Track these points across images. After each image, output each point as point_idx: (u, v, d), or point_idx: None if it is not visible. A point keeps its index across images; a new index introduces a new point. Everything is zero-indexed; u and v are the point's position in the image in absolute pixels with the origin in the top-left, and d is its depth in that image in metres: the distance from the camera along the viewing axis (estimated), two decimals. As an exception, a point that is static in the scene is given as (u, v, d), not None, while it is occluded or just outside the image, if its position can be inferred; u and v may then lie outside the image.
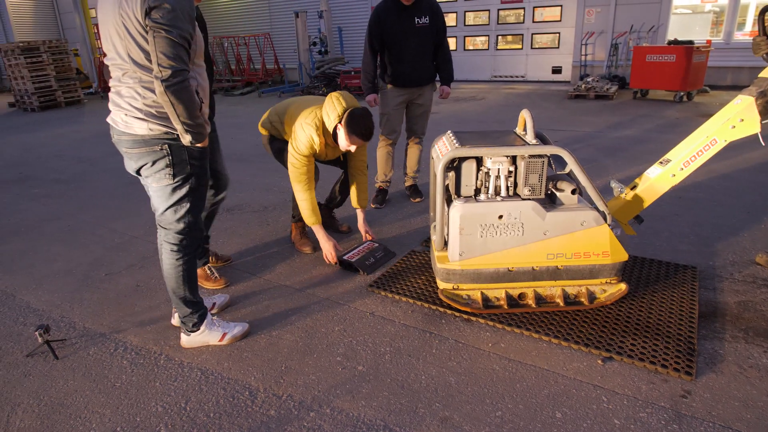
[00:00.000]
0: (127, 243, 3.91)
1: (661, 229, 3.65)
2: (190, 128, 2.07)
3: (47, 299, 3.12)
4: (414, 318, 2.73)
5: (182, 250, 2.35)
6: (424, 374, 2.30)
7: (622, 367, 2.27)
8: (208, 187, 2.39)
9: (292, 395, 2.21)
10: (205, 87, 2.27)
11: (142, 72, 2.06)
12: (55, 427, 2.09)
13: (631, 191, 2.79)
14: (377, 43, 4.06)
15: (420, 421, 2.03)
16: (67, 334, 2.74)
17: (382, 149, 4.37)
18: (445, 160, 2.50)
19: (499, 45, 12.57)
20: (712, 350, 2.35)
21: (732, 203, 4.05)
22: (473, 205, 2.53)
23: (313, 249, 3.57)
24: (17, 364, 2.51)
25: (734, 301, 2.74)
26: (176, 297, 2.43)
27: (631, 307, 2.67)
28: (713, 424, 1.95)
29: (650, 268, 3.07)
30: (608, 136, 6.50)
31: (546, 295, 2.70)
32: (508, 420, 2.02)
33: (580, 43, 10.94)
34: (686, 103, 8.58)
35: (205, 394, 2.24)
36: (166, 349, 2.56)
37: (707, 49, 8.67)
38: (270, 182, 5.28)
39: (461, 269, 2.62)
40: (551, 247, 2.56)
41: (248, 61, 14.05)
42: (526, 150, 2.49)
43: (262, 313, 2.85)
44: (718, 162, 5.00)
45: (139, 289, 3.19)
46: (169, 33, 1.91)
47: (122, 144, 2.20)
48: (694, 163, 2.64)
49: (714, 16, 10.32)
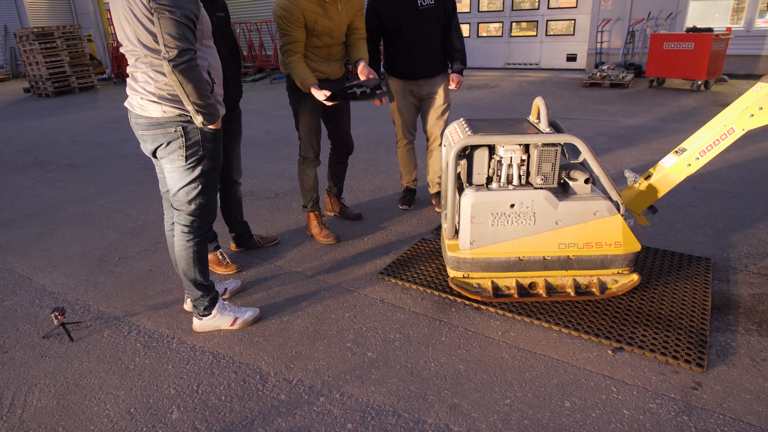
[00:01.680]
0: (140, 228, 3.95)
1: (676, 219, 3.61)
2: (201, 108, 2.09)
3: (63, 282, 3.18)
4: (424, 306, 2.74)
5: (193, 231, 2.38)
6: (434, 361, 2.31)
7: (633, 357, 2.26)
8: (220, 170, 2.40)
9: (302, 380, 2.23)
10: (217, 68, 2.29)
11: (153, 56, 2.09)
12: (71, 407, 2.14)
13: (646, 181, 2.75)
14: (376, 29, 3.56)
15: (429, 407, 2.05)
16: (82, 316, 2.79)
17: (401, 149, 3.94)
18: (457, 148, 2.48)
19: (513, 32, 12.39)
20: (724, 342, 2.33)
21: (749, 194, 3.99)
22: (485, 194, 2.51)
23: (337, 239, 3.52)
24: (34, 346, 2.56)
25: (748, 293, 2.71)
26: (187, 279, 2.46)
27: (643, 298, 2.65)
28: (724, 416, 1.94)
29: (663, 259, 3.04)
30: (623, 125, 6.42)
31: (557, 285, 2.69)
32: (517, 408, 2.02)
33: (595, 30, 10.76)
34: (704, 92, 8.42)
35: (216, 378, 2.27)
36: (178, 333, 2.60)
37: (727, 37, 8.48)
38: (282, 168, 5.29)
39: (472, 258, 2.61)
40: (563, 236, 2.55)
41: (260, 48, 14.00)
42: (539, 138, 2.47)
43: (273, 299, 2.87)
44: (734, 152, 4.92)
45: (153, 273, 3.23)
46: (173, 13, 1.94)
47: (138, 126, 2.23)
48: (710, 152, 2.59)
49: (735, 3, 10.07)
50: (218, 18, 2.77)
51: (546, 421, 1.95)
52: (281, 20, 2.96)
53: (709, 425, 1.90)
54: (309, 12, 2.95)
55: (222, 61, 2.41)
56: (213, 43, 2.28)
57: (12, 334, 2.67)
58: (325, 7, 3.00)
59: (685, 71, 8.49)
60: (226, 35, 2.86)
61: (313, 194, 3.48)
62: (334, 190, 3.83)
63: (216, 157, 2.33)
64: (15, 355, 2.50)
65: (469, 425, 1.95)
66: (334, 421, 2.00)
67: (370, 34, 3.52)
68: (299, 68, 3.00)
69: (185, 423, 2.03)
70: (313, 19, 2.98)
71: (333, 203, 3.89)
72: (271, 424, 2.00)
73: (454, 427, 1.95)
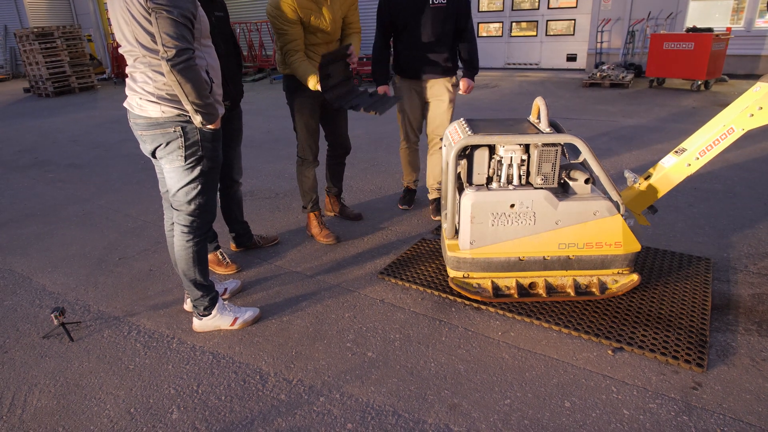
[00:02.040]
0: (140, 228, 3.95)
1: (676, 219, 3.61)
2: (199, 108, 2.09)
3: (63, 282, 3.17)
4: (424, 306, 2.74)
5: (193, 231, 2.38)
6: (434, 361, 2.31)
7: (633, 357, 2.26)
8: (219, 170, 2.41)
9: (302, 380, 2.23)
10: (215, 67, 2.29)
11: (151, 56, 2.09)
12: (71, 407, 2.14)
13: (645, 181, 2.75)
14: (388, 25, 3.50)
15: (429, 407, 2.05)
16: (82, 316, 2.79)
17: (403, 150, 3.88)
18: (458, 148, 2.48)
19: (513, 32, 12.39)
20: (724, 342, 2.33)
21: (749, 194, 3.99)
22: (485, 194, 2.51)
23: (337, 239, 3.52)
24: (34, 346, 2.56)
25: (748, 293, 2.71)
26: (187, 279, 2.46)
27: (643, 298, 2.65)
28: (724, 416, 1.94)
29: (663, 259, 3.04)
30: (623, 125, 6.42)
31: (557, 285, 2.69)
32: (517, 408, 2.02)
33: (595, 30, 10.76)
34: (704, 92, 8.42)
35: (216, 378, 2.27)
36: (178, 333, 2.60)
37: (727, 37, 8.48)
38: (282, 168, 5.29)
39: (472, 258, 2.61)
40: (563, 236, 2.55)
41: (260, 48, 14.01)
42: (539, 138, 2.47)
43: (273, 299, 2.87)
44: (734, 152, 4.92)
45: (152, 273, 3.23)
46: (170, 13, 1.94)
47: (138, 127, 2.23)
48: (710, 152, 2.59)
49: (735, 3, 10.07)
50: (217, 18, 2.77)
51: (546, 421, 1.95)
52: (277, 20, 2.96)
53: (709, 425, 1.90)
54: (302, 8, 2.96)
55: (221, 61, 2.41)
56: (211, 43, 2.28)
57: (12, 334, 2.67)
58: (318, 2, 3.01)
59: (685, 71, 8.49)
60: (226, 35, 2.86)
61: (312, 195, 3.48)
62: (333, 191, 3.82)
63: (215, 157, 2.33)
64: (15, 355, 2.50)
65: (469, 425, 1.95)
66: (334, 421, 2.00)
67: (382, 30, 3.52)
68: (303, 67, 3.00)
69: (185, 423, 2.03)
70: (307, 15, 2.99)
71: (333, 203, 3.89)
72: (271, 424, 2.00)
73: (454, 427, 1.95)
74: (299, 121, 3.26)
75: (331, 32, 3.14)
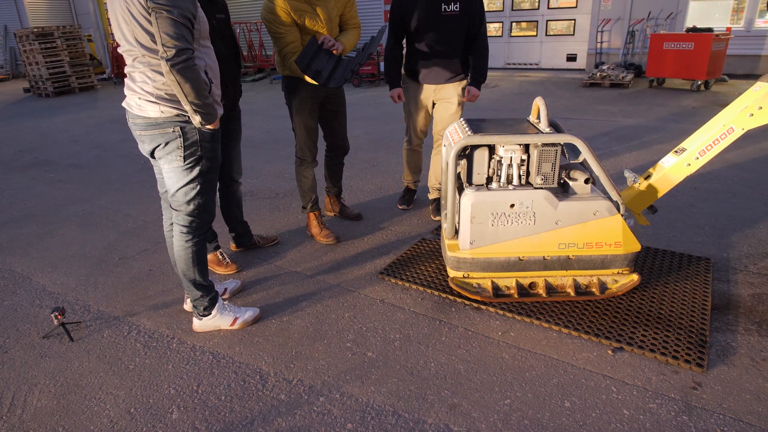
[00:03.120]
0: (140, 228, 3.95)
1: (676, 219, 3.61)
2: (199, 108, 2.09)
3: (63, 282, 3.17)
4: (424, 306, 2.74)
5: (192, 231, 2.38)
6: (434, 361, 2.31)
7: (633, 357, 2.26)
8: (218, 171, 2.41)
9: (302, 380, 2.23)
10: (214, 68, 2.29)
11: (151, 56, 2.09)
12: (71, 407, 2.14)
13: (645, 181, 2.75)
14: (399, 29, 3.51)
15: (429, 407, 2.05)
16: (81, 316, 2.79)
17: (405, 150, 3.89)
18: (457, 148, 2.48)
19: (513, 32, 12.40)
20: (724, 342, 2.33)
21: (749, 194, 3.99)
22: (485, 194, 2.51)
23: (337, 239, 3.51)
24: (34, 346, 2.56)
25: (748, 293, 2.71)
26: (187, 280, 2.46)
27: (643, 298, 2.65)
28: (724, 416, 1.94)
29: (663, 259, 3.04)
30: (623, 125, 6.42)
31: (557, 285, 2.69)
32: (517, 408, 2.02)
33: (595, 30, 10.76)
34: (704, 92, 8.42)
35: (216, 378, 2.27)
36: (178, 333, 2.60)
37: (727, 37, 8.48)
38: (282, 168, 5.29)
39: (472, 258, 2.61)
40: (563, 236, 2.55)
41: (260, 48, 14.01)
42: (539, 138, 2.47)
43: (273, 299, 2.87)
44: (734, 152, 4.92)
45: (152, 273, 3.23)
46: (170, 13, 1.95)
47: (136, 127, 2.23)
48: (710, 152, 2.59)
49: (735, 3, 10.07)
50: (218, 20, 2.77)
51: (546, 421, 1.95)
52: (272, 24, 2.97)
53: (709, 425, 1.90)
54: (296, 11, 2.96)
55: (220, 63, 2.41)
56: (210, 44, 2.28)
57: (12, 334, 2.67)
58: (312, 3, 3.01)
59: (685, 71, 8.49)
60: (226, 37, 2.86)
61: (311, 195, 3.48)
62: (333, 191, 3.83)
63: (214, 157, 2.33)
64: (15, 355, 2.50)
65: (469, 425, 1.95)
66: (334, 421, 2.00)
67: (393, 31, 3.52)
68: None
69: (185, 423, 2.03)
70: (301, 17, 2.99)
71: (333, 203, 3.89)
72: (271, 424, 2.00)
73: (454, 427, 1.95)
74: (298, 122, 3.26)
75: (328, 31, 3.13)
